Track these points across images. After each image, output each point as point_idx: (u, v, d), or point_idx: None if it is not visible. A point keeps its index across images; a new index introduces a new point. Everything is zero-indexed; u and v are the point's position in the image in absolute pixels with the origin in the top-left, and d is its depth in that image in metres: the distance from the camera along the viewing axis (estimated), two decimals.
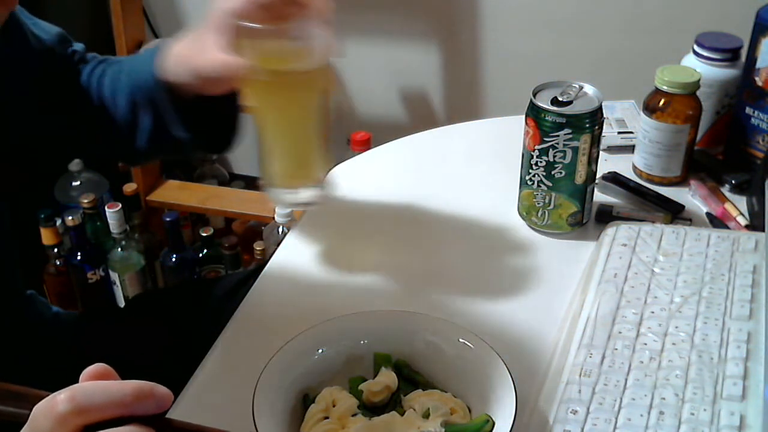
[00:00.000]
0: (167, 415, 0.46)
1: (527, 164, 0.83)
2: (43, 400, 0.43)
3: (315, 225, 0.90)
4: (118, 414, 0.43)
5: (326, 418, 0.61)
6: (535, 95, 0.81)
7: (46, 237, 1.72)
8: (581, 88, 0.82)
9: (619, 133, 1.01)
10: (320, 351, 0.65)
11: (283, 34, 0.72)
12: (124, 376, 0.46)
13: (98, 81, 0.84)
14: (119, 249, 1.71)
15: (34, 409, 0.43)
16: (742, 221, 0.86)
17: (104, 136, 0.85)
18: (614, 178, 0.93)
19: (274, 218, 1.63)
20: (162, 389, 0.45)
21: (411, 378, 0.65)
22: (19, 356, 0.85)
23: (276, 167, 0.78)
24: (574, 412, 0.61)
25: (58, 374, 0.46)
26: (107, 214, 1.65)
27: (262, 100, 0.76)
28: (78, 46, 0.87)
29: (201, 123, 0.80)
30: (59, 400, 0.42)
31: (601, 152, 0.84)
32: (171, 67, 0.76)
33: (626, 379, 0.64)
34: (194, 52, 0.74)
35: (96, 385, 0.44)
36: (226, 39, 0.71)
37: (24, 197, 1.69)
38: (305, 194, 0.79)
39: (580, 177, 0.82)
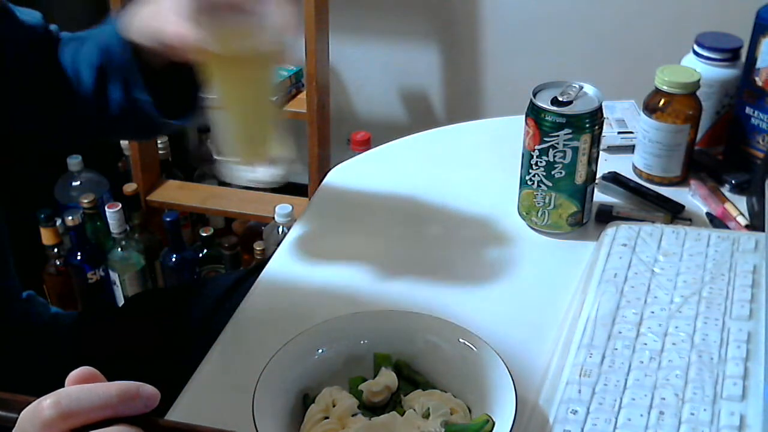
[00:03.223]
0: (158, 413, 0.45)
1: (527, 164, 0.83)
2: (29, 406, 0.43)
3: (315, 225, 0.91)
4: (105, 416, 0.43)
5: (326, 418, 0.61)
6: (535, 95, 0.81)
7: (46, 237, 1.72)
8: (581, 88, 0.82)
9: (619, 133, 1.01)
10: (320, 351, 0.65)
11: (240, 8, 0.71)
12: (122, 376, 0.46)
13: (72, 57, 0.83)
14: (119, 249, 1.71)
15: (20, 414, 0.43)
16: (742, 221, 0.86)
17: (73, 113, 0.84)
18: (614, 178, 0.93)
19: (274, 218, 1.63)
20: (148, 389, 0.44)
21: (411, 378, 0.65)
22: (18, 357, 0.85)
23: (230, 142, 0.77)
24: (574, 412, 0.61)
25: (58, 375, 0.46)
26: (107, 214, 1.65)
27: (217, 75, 0.74)
28: (53, 27, 0.86)
29: (164, 88, 0.79)
30: (45, 405, 0.42)
31: (601, 152, 0.84)
32: (135, 30, 0.75)
33: (626, 379, 0.64)
34: (153, 15, 0.72)
35: (81, 389, 0.44)
36: (184, 6, 0.70)
37: (24, 197, 1.70)
38: (259, 172, 0.77)
39: (580, 177, 0.82)
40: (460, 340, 0.65)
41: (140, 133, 1.00)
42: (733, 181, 0.92)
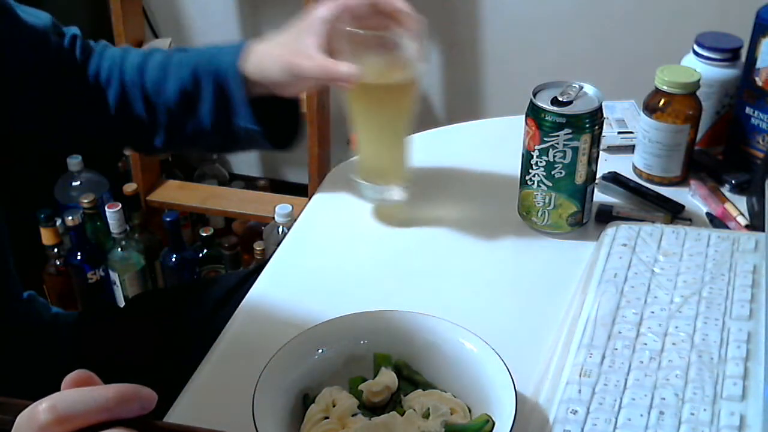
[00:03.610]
0: (158, 414, 0.45)
1: (527, 164, 0.83)
2: (26, 410, 0.43)
3: (315, 225, 0.91)
4: (102, 419, 0.43)
5: (326, 418, 0.61)
6: (535, 95, 0.81)
7: (46, 237, 1.72)
8: (581, 88, 0.82)
9: (619, 133, 1.01)
10: (320, 351, 0.65)
11: (383, 43, 0.79)
12: (122, 376, 0.46)
13: (139, 70, 0.85)
14: (119, 249, 1.71)
15: (17, 418, 0.43)
16: (742, 221, 0.86)
17: (125, 124, 0.87)
18: (614, 178, 0.93)
19: (274, 218, 1.63)
20: (145, 391, 0.44)
21: (411, 378, 0.65)
22: (18, 357, 0.85)
23: (367, 165, 0.87)
24: (574, 412, 0.61)
25: (58, 375, 0.46)
26: (107, 214, 1.65)
27: (359, 104, 0.83)
28: (73, 31, 0.86)
29: (269, 118, 0.84)
30: (40, 409, 0.42)
31: (601, 152, 0.84)
32: (261, 64, 0.80)
33: (626, 379, 0.64)
34: (293, 52, 0.78)
35: (77, 392, 0.44)
36: (322, 43, 0.78)
37: (24, 197, 1.70)
38: (391, 192, 0.87)
39: (580, 177, 0.82)
40: (460, 340, 0.65)
41: (215, 151, 1.06)
42: (733, 181, 0.92)
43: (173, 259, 1.74)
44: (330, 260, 0.85)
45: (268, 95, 0.83)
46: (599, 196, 0.90)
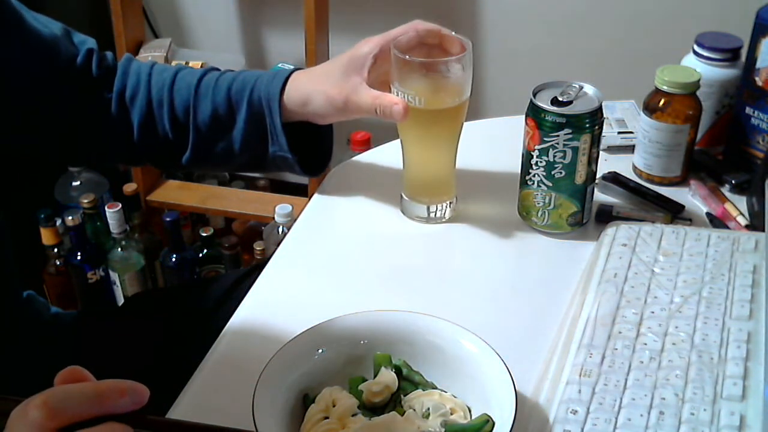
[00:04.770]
0: (159, 413, 0.46)
1: (527, 164, 0.83)
2: (18, 406, 0.43)
3: (315, 225, 0.91)
4: (93, 414, 0.43)
5: (326, 418, 0.61)
6: (535, 95, 0.81)
7: (46, 237, 1.72)
8: (581, 88, 0.82)
9: (619, 133, 1.01)
10: (320, 351, 0.65)
11: (430, 67, 0.81)
12: (122, 376, 0.46)
13: (168, 89, 0.86)
14: (119, 249, 1.71)
15: (10, 414, 0.43)
16: (742, 221, 0.86)
17: (149, 141, 0.87)
18: (614, 178, 0.93)
19: (274, 218, 1.63)
20: (137, 386, 0.45)
21: (411, 378, 0.65)
22: (18, 357, 0.85)
23: (415, 184, 0.89)
24: (574, 412, 0.61)
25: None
26: (107, 214, 1.65)
27: (408, 127, 0.84)
28: (89, 44, 0.86)
29: (302, 146, 0.87)
30: (32, 405, 0.43)
31: (601, 152, 0.84)
32: (305, 96, 0.83)
33: (626, 379, 0.64)
34: (344, 89, 0.82)
35: (68, 388, 0.44)
36: (369, 79, 0.82)
37: (24, 197, 1.70)
38: (438, 211, 0.88)
39: (580, 177, 0.82)
40: (460, 340, 0.65)
41: (242, 170, 1.11)
42: (733, 181, 0.92)
43: (173, 259, 1.74)
44: (330, 260, 0.85)
45: (302, 123, 0.85)
46: (599, 196, 0.90)
